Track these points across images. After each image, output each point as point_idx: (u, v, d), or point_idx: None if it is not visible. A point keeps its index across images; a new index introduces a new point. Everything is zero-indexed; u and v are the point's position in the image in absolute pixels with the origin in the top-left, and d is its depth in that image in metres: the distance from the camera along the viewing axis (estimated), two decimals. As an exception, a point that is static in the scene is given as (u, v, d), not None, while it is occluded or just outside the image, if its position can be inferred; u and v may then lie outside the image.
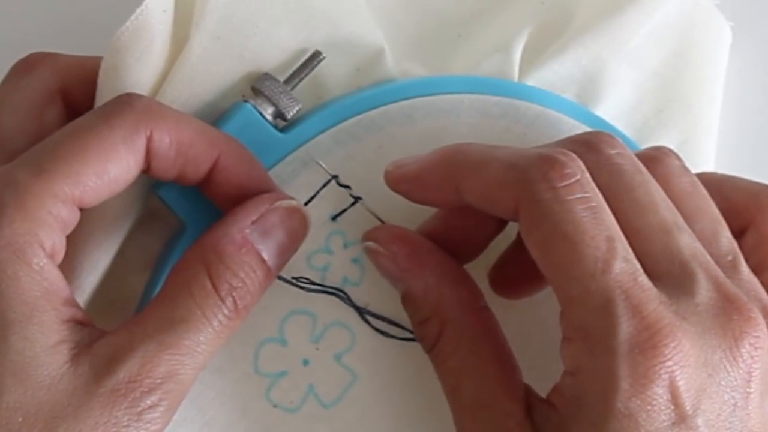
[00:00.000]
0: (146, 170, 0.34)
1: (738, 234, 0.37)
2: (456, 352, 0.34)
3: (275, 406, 0.38)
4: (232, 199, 0.35)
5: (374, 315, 0.39)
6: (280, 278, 0.37)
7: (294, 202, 0.36)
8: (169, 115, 0.33)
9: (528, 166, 0.32)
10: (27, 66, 0.37)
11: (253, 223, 0.34)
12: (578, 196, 0.31)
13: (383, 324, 0.39)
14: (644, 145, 0.43)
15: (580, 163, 0.32)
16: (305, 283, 0.38)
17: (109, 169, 0.32)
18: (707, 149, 0.44)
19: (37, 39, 0.40)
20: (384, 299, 0.38)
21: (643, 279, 0.31)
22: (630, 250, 0.31)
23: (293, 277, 0.38)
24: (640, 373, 0.29)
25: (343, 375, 0.38)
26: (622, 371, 0.30)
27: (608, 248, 0.31)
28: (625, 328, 0.30)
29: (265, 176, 0.37)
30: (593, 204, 0.31)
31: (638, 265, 0.31)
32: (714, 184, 0.36)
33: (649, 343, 0.30)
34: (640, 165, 0.34)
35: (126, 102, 0.33)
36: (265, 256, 0.34)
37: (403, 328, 0.38)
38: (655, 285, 0.31)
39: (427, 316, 0.35)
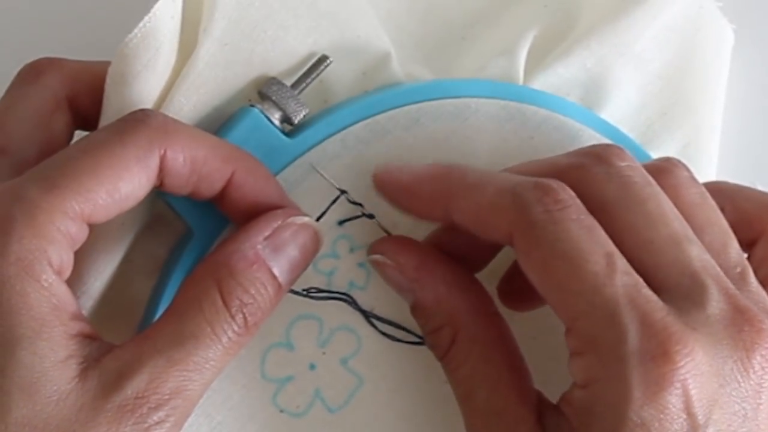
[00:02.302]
0: (160, 186, 0.33)
1: (748, 244, 0.37)
2: (469, 358, 0.34)
3: (282, 411, 0.38)
4: (246, 214, 0.35)
5: (380, 319, 0.39)
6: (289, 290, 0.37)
7: (306, 219, 0.36)
8: (183, 132, 0.33)
9: (523, 192, 0.32)
10: (34, 72, 0.37)
11: (265, 239, 0.34)
12: (573, 217, 0.32)
13: (389, 328, 0.39)
14: (649, 148, 0.43)
15: (572, 192, 0.32)
16: (313, 292, 0.38)
17: (120, 187, 0.32)
18: (710, 151, 0.44)
19: (43, 44, 0.39)
20: (390, 303, 0.38)
21: (647, 291, 0.31)
22: (629, 266, 0.31)
23: (303, 289, 0.38)
24: (652, 380, 0.29)
25: (350, 379, 0.38)
26: (634, 379, 0.30)
27: (608, 263, 0.31)
28: (634, 335, 0.30)
29: (280, 191, 0.36)
30: (588, 224, 0.32)
31: (640, 279, 0.31)
32: (726, 193, 0.37)
33: (659, 350, 0.30)
34: (650, 178, 0.34)
35: (140, 119, 0.32)
36: (276, 272, 0.34)
37: (409, 331, 0.38)
38: (665, 297, 0.31)
39: (439, 325, 0.35)
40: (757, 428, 0.31)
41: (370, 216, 0.38)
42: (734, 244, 0.34)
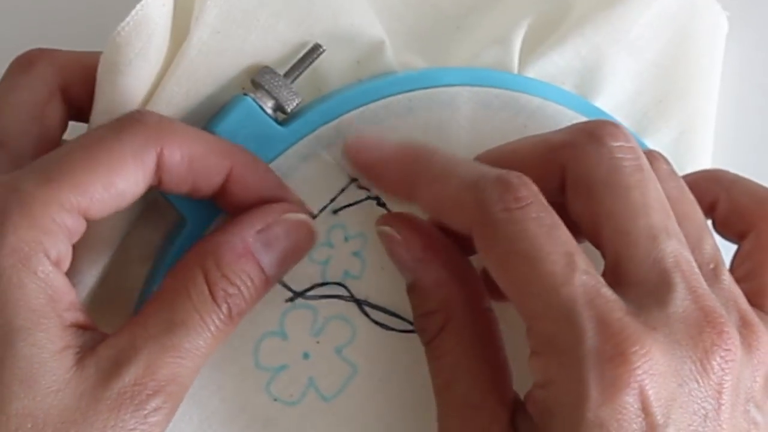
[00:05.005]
0: (157, 185, 0.34)
1: (738, 236, 0.37)
2: (454, 349, 0.34)
3: (276, 400, 0.38)
4: (247, 208, 0.35)
5: (374, 306, 0.39)
6: (286, 287, 0.38)
7: (302, 216, 0.36)
8: (180, 130, 0.34)
9: (485, 188, 0.32)
10: (26, 63, 0.37)
11: (258, 232, 0.34)
12: (533, 215, 0.32)
13: (383, 316, 0.39)
14: (644, 136, 0.43)
15: (534, 187, 0.32)
16: (306, 290, 0.38)
17: (116, 182, 0.32)
18: (705, 139, 0.44)
19: (35, 35, 0.39)
20: (384, 292, 0.38)
21: (606, 291, 0.31)
22: (591, 264, 0.31)
23: (297, 292, 0.38)
24: (609, 381, 0.29)
25: (344, 368, 0.38)
26: (591, 380, 0.29)
27: (567, 262, 0.31)
28: (590, 337, 0.30)
29: (280, 184, 0.36)
30: (548, 222, 0.32)
31: (600, 278, 0.31)
32: (723, 183, 0.37)
33: (616, 351, 0.30)
34: (642, 160, 0.33)
35: (137, 118, 0.33)
36: (265, 266, 0.34)
37: (403, 319, 0.38)
38: (631, 291, 0.31)
39: (432, 309, 0.35)
40: (720, 428, 0.30)
41: (377, 198, 0.38)
42: (710, 240, 0.34)
